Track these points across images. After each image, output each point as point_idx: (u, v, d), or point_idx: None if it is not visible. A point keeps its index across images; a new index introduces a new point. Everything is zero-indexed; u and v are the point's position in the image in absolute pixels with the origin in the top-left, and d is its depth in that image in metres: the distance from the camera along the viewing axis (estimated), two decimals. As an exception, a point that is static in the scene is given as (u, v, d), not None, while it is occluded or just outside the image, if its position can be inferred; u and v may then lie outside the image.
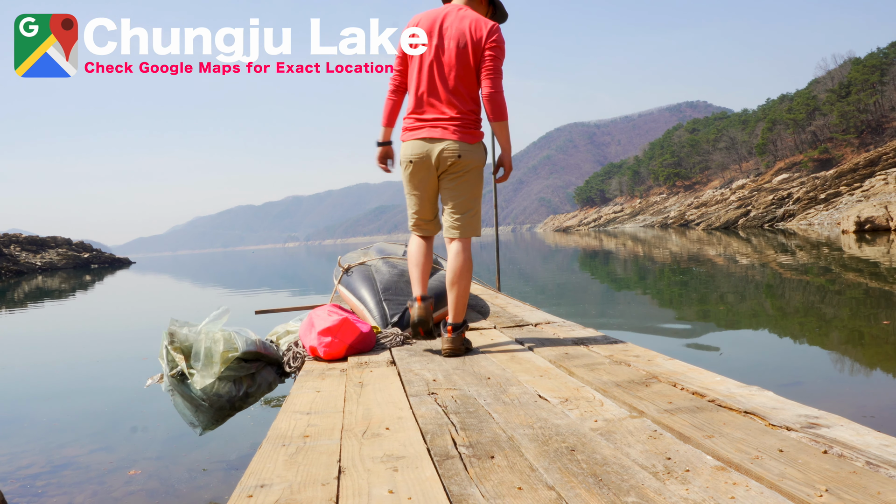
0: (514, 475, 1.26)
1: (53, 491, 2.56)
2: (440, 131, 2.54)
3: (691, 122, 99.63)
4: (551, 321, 3.28)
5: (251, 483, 1.29)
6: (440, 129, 2.55)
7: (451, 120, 2.54)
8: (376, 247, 4.24)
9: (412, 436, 1.54)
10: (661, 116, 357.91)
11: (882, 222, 22.28)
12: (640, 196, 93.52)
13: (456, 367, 2.32)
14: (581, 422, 1.59)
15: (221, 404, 2.62)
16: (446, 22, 2.56)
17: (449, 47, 2.53)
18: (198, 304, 12.16)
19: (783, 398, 1.63)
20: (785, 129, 60.74)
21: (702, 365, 2.08)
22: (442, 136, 2.54)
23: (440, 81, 2.55)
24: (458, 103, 2.54)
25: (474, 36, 2.51)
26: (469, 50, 2.51)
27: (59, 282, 23.51)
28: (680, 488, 1.15)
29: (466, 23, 2.53)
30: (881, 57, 55.38)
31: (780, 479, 1.15)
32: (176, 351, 2.60)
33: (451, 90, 2.54)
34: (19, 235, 42.76)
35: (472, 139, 2.57)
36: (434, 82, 2.56)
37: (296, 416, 1.78)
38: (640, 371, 2.06)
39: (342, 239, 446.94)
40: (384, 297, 3.18)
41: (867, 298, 6.67)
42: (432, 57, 2.55)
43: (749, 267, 11.66)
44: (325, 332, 2.62)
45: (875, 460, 1.19)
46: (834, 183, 36.87)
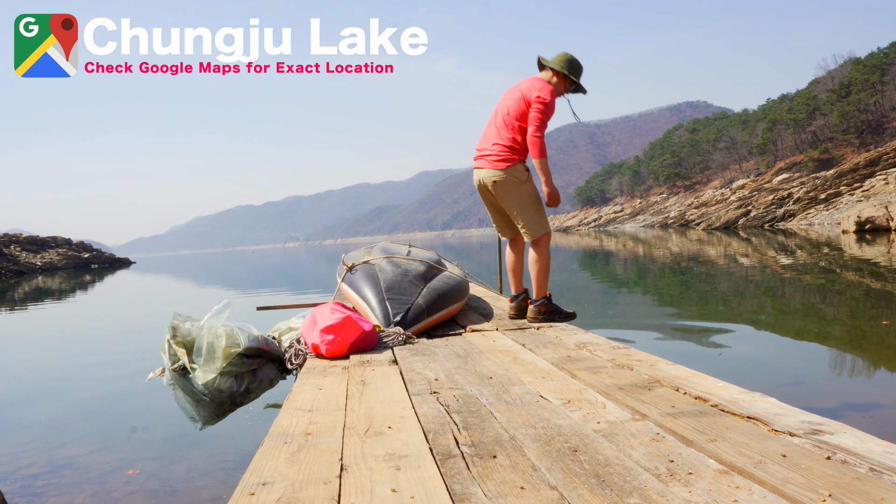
0: (517, 475, 1.26)
1: (53, 491, 2.56)
2: (482, 162, 3.33)
3: (691, 122, 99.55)
4: (553, 324, 3.28)
5: (253, 481, 1.29)
6: (483, 161, 3.33)
7: (490, 154, 3.29)
8: (380, 246, 4.24)
9: (414, 435, 1.54)
10: (662, 116, 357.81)
11: (882, 222, 22.27)
12: (641, 196, 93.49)
13: (458, 367, 2.32)
14: (583, 423, 1.58)
15: (222, 399, 2.62)
16: (521, 84, 3.34)
17: (508, 98, 3.32)
18: (198, 304, 12.16)
19: (786, 404, 1.63)
20: (785, 128, 60.70)
21: (702, 365, 2.08)
22: (482, 166, 3.33)
23: (495, 124, 3.33)
24: (499, 140, 3.26)
25: (528, 93, 3.23)
26: (522, 102, 3.24)
27: (59, 282, 23.51)
28: (683, 491, 1.15)
29: (529, 83, 3.28)
30: (881, 57, 55.32)
31: (783, 484, 1.15)
32: (178, 345, 2.60)
33: (497, 131, 3.29)
34: (19, 235, 42.75)
35: (503, 165, 3.24)
36: (491, 125, 3.36)
37: (298, 414, 1.78)
38: (642, 375, 2.06)
39: (342, 239, 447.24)
40: (387, 296, 3.18)
41: (867, 298, 6.67)
42: (497, 106, 3.38)
43: (749, 267, 11.66)
44: (327, 329, 2.62)
45: (878, 467, 1.19)
46: (834, 183, 36.86)
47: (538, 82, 3.28)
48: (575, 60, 3.35)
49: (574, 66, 3.33)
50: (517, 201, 3.28)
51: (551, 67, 3.33)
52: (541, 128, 3.18)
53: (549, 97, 3.21)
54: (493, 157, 3.28)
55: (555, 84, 3.33)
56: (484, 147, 3.35)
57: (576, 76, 3.33)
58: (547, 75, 3.35)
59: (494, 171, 3.26)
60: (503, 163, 3.25)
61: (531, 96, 3.22)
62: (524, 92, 3.26)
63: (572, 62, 3.34)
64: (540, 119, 3.18)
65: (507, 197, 3.28)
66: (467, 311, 3.87)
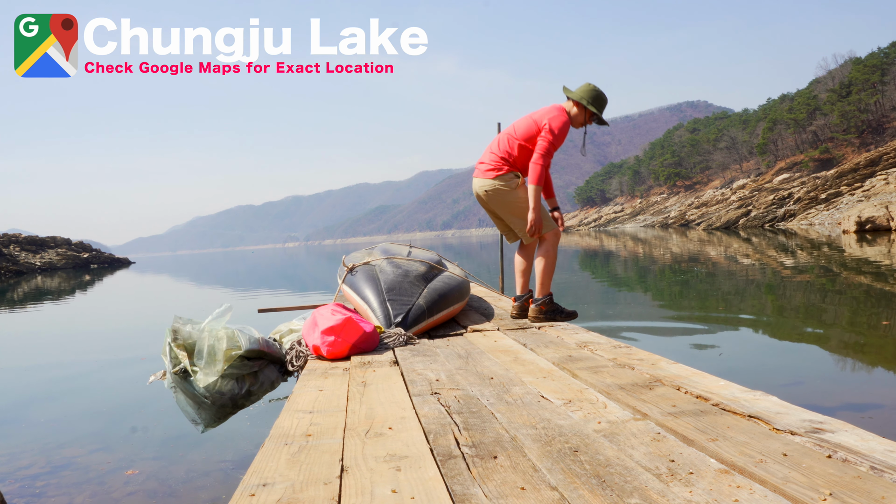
0: (517, 475, 1.26)
1: (53, 491, 2.56)
2: (477, 172, 3.43)
3: (692, 122, 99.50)
4: (554, 324, 3.28)
5: (253, 482, 1.28)
6: (477, 170, 3.43)
7: (483, 164, 3.39)
8: (381, 247, 4.23)
9: (415, 435, 1.54)
10: (662, 116, 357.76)
11: (883, 222, 22.27)
12: (641, 196, 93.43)
13: (459, 368, 2.32)
14: (584, 423, 1.58)
15: (224, 402, 2.62)
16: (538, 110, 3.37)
17: (521, 119, 3.36)
18: (198, 304, 12.16)
19: (787, 403, 1.63)
20: (786, 128, 60.68)
21: (702, 365, 2.08)
22: (477, 175, 3.43)
23: (497, 140, 3.39)
24: (495, 152, 3.34)
25: (541, 119, 3.27)
26: (532, 124, 3.27)
27: (59, 282, 23.51)
28: (683, 490, 1.15)
29: (544, 110, 3.31)
30: (882, 57, 55.29)
31: (784, 483, 1.14)
32: (179, 348, 2.60)
33: (497, 144, 3.36)
34: (19, 235, 42.76)
35: (492, 175, 3.31)
36: (495, 141, 3.41)
37: (298, 415, 1.78)
38: (643, 374, 2.05)
39: (342, 239, 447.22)
40: (388, 297, 3.18)
41: (868, 298, 6.67)
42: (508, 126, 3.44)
43: (750, 267, 11.66)
44: (328, 331, 2.61)
45: (879, 465, 1.19)
46: (835, 183, 36.85)
47: (554, 110, 3.28)
48: (599, 93, 3.29)
49: (597, 99, 3.28)
50: (508, 208, 3.35)
51: (572, 98, 3.30)
52: (545, 155, 3.21)
53: (559, 128, 3.21)
54: (485, 166, 3.37)
55: (573, 115, 3.31)
56: (481, 159, 3.44)
57: (598, 109, 3.28)
58: (568, 105, 3.33)
59: (485, 181, 3.35)
60: (493, 171, 3.32)
61: (542, 122, 3.24)
62: (537, 117, 3.28)
63: (596, 95, 3.29)
64: (545, 147, 3.20)
65: (499, 204, 3.36)
66: (468, 311, 3.87)
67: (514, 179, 3.30)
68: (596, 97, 3.28)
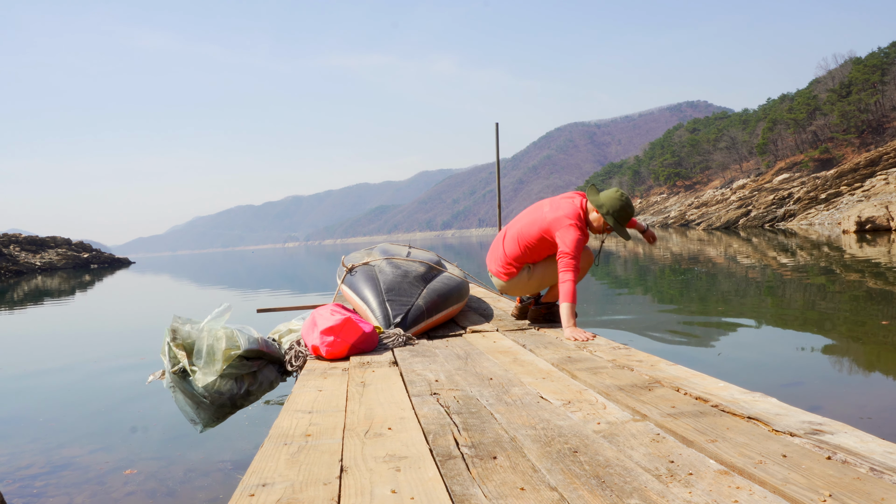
0: (517, 476, 1.26)
1: (52, 491, 2.56)
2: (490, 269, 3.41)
3: (692, 122, 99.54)
4: (553, 325, 3.28)
5: (253, 482, 1.28)
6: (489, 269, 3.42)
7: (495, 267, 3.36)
8: (380, 247, 4.23)
9: (414, 436, 1.54)
10: (662, 116, 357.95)
11: (883, 222, 22.28)
12: (641, 196, 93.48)
13: (458, 368, 2.32)
14: (584, 424, 1.58)
15: (223, 402, 2.62)
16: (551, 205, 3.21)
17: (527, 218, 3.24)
18: (197, 304, 12.16)
19: (787, 405, 1.63)
20: (785, 128, 60.70)
21: (702, 365, 2.08)
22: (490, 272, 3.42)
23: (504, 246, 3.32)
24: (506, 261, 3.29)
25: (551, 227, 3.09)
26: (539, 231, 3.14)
27: (59, 282, 23.50)
28: (683, 491, 1.15)
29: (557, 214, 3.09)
30: (882, 56, 55.33)
31: (784, 484, 1.14)
32: (178, 348, 2.59)
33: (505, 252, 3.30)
34: (19, 235, 42.75)
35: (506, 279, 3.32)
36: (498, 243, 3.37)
37: (298, 415, 1.78)
38: (642, 375, 2.06)
39: (342, 239, 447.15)
40: (387, 298, 3.18)
41: (868, 298, 6.67)
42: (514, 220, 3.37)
43: (749, 267, 11.66)
44: (327, 331, 2.61)
45: (879, 467, 1.19)
46: (834, 183, 36.86)
47: (566, 219, 3.04)
48: (624, 206, 3.06)
49: (621, 213, 3.07)
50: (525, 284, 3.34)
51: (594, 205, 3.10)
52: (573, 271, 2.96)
53: (575, 247, 2.98)
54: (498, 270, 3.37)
55: (591, 220, 3.14)
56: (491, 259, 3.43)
57: (620, 223, 3.10)
58: (588, 206, 3.16)
59: (500, 280, 3.38)
60: (506, 276, 3.34)
61: (554, 232, 3.06)
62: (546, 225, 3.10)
63: (621, 207, 3.06)
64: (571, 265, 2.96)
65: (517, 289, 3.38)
66: (467, 311, 3.87)
67: (525, 271, 3.30)
68: (621, 210, 3.06)
